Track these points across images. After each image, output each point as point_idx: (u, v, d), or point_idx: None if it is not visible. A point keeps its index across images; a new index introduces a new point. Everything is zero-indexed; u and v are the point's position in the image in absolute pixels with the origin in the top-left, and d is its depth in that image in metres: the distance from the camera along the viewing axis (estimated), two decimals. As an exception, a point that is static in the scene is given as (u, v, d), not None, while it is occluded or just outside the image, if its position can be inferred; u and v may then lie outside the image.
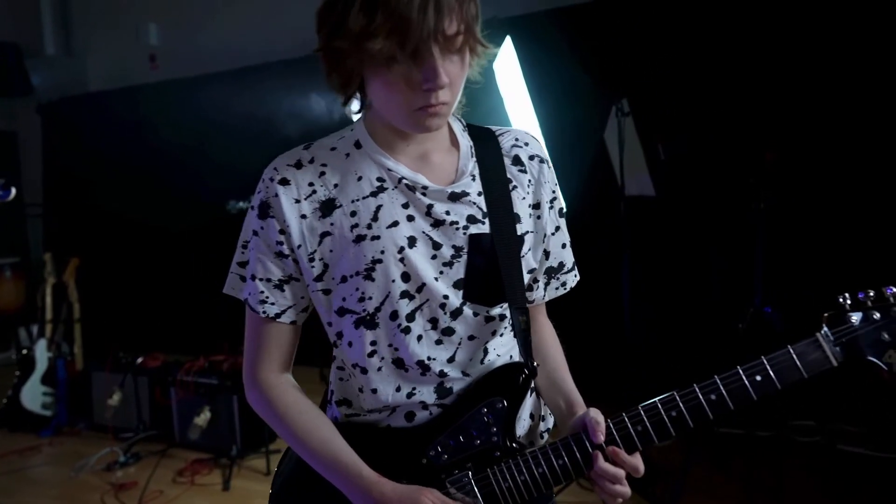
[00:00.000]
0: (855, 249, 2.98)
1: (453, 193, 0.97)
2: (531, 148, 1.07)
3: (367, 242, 0.94)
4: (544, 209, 1.06)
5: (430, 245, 0.96)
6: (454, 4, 0.83)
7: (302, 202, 0.96)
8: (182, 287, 5.17)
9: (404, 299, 0.96)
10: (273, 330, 1.01)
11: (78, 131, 6.24)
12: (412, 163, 0.98)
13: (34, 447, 3.73)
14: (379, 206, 0.95)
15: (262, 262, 0.98)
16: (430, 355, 0.98)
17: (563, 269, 1.13)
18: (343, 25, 0.84)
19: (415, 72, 0.85)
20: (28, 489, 3.25)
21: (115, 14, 6.42)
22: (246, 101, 5.00)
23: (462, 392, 1.00)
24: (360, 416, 1.02)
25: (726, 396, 0.94)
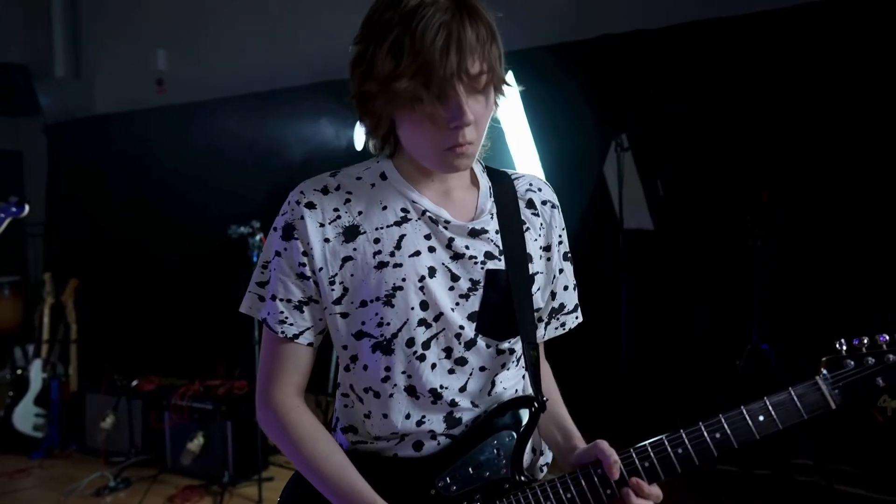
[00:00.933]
0: (851, 287, 3.01)
1: (473, 230, 1.01)
2: (544, 193, 1.12)
3: (390, 269, 0.97)
4: (554, 252, 1.10)
5: (448, 277, 0.99)
6: (476, 45, 0.88)
7: (326, 226, 0.99)
8: (180, 310, 5.16)
9: (421, 327, 0.98)
10: (291, 350, 1.02)
11: (83, 153, 6.30)
12: (436, 197, 1.02)
13: (24, 470, 3.69)
14: (402, 236, 0.99)
15: (283, 282, 1.00)
16: (442, 384, 1.00)
17: (564, 310, 1.16)
18: (372, 69, 0.90)
19: (441, 111, 0.90)
20: (16, 513, 3.21)
21: (125, 38, 6.53)
22: (250, 127, 5.06)
23: (471, 423, 1.02)
24: (367, 444, 1.03)
25: (730, 435, 0.96)
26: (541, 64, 3.91)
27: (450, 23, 0.86)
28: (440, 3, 0.87)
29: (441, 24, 0.85)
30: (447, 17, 0.86)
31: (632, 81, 3.57)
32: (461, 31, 0.86)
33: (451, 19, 0.86)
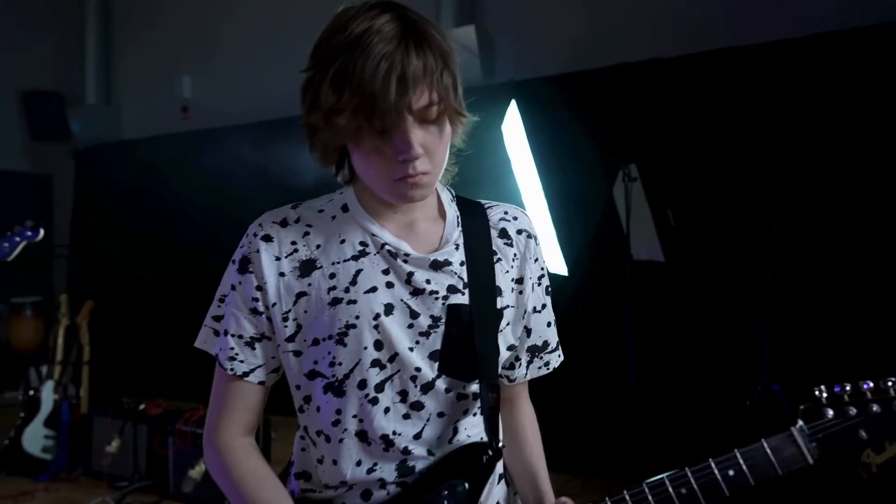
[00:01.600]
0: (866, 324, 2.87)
1: (435, 262, 0.95)
2: (519, 222, 1.06)
3: (343, 306, 0.92)
4: (527, 285, 1.04)
5: (407, 314, 0.93)
6: (422, 76, 0.83)
7: (282, 260, 0.95)
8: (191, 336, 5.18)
9: (374, 368, 0.93)
10: (240, 389, 0.97)
11: (108, 177, 6.46)
12: (397, 230, 0.97)
13: (29, 492, 3.69)
14: (359, 271, 0.94)
15: (236, 317, 0.96)
16: (395, 430, 0.93)
17: (547, 349, 1.10)
18: (317, 101, 0.86)
19: (388, 144, 0.86)
20: (17, 536, 3.21)
21: (153, 66, 6.74)
22: (266, 153, 5.13)
23: (424, 471, 0.95)
24: (317, 493, 0.97)
25: (697, 491, 0.88)
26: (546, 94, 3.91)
27: (392, 53, 0.82)
28: (385, 30, 0.83)
29: (383, 56, 0.81)
30: (390, 48, 0.82)
31: (641, 111, 3.53)
32: (405, 61, 0.82)
33: (394, 49, 0.82)
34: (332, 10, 0.90)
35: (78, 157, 7.00)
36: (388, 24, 0.84)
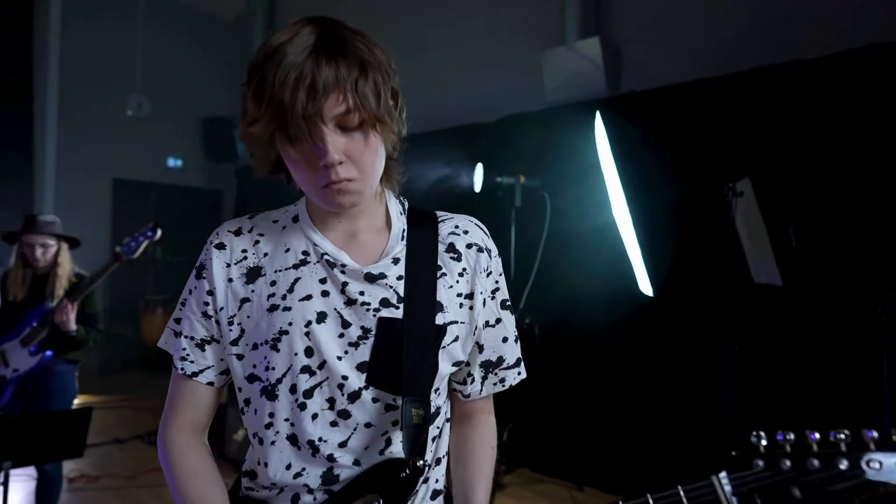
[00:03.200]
0: None
1: (369, 274, 0.97)
2: (470, 236, 1.05)
3: (279, 313, 0.95)
4: (478, 300, 1.02)
5: (339, 323, 0.95)
6: (332, 84, 0.85)
7: (232, 267, 0.99)
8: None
9: (304, 374, 0.95)
10: (189, 388, 1.01)
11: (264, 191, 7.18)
12: (340, 240, 1.00)
13: (173, 467, 4.23)
14: (297, 279, 0.97)
15: (189, 320, 1.01)
16: (321, 436, 0.95)
17: (503, 365, 1.08)
18: (245, 112, 0.91)
19: (312, 152, 0.88)
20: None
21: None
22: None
23: (348, 481, 0.96)
24: (256, 492, 1.00)
25: None
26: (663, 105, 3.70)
27: (302, 64, 0.84)
28: (298, 42, 0.86)
29: (292, 67, 0.84)
30: (300, 59, 0.84)
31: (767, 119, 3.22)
32: (315, 71, 0.84)
33: (304, 60, 0.84)
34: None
35: (239, 174, 7.91)
36: (304, 36, 0.87)
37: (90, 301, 3.01)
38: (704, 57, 4.01)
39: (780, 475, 0.76)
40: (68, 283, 3.01)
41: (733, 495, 0.78)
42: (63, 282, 2.99)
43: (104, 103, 7.43)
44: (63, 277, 3.00)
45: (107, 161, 7.53)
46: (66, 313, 2.83)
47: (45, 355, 2.93)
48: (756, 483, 0.77)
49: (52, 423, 2.43)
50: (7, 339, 2.94)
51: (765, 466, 0.76)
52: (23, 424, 2.36)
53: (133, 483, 3.97)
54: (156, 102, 7.78)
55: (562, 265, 3.91)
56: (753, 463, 0.77)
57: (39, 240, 2.96)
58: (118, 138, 7.56)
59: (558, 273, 3.93)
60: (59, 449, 2.44)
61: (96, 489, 3.87)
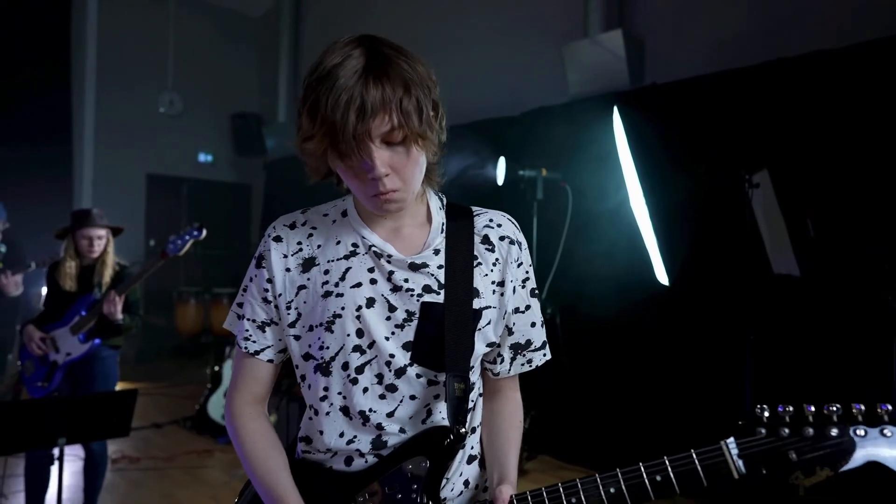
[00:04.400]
0: None
1: (413, 264, 1.07)
2: (503, 229, 1.15)
3: (332, 298, 1.06)
4: (508, 287, 1.12)
5: (386, 307, 1.06)
6: (380, 105, 0.93)
7: (289, 257, 1.11)
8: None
9: (356, 353, 1.06)
10: (252, 365, 1.13)
11: (291, 185, 7.37)
12: (386, 234, 1.10)
13: (209, 451, 4.42)
14: (348, 268, 1.08)
15: (251, 304, 1.12)
16: (371, 407, 1.06)
17: (531, 347, 1.18)
18: (300, 128, 1.02)
19: (360, 165, 0.98)
20: (195, 485, 3.86)
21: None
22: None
23: (396, 446, 1.07)
24: (312, 455, 1.12)
25: (625, 491, 0.92)
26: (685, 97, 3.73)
27: (352, 87, 0.92)
28: (349, 66, 0.94)
29: (343, 89, 0.92)
30: (351, 82, 0.92)
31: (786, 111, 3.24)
32: (364, 94, 0.92)
33: (354, 83, 0.92)
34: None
35: (267, 168, 8.10)
36: (354, 59, 0.95)
37: (132, 290, 3.17)
38: (727, 48, 4.03)
39: (779, 441, 0.84)
40: (113, 272, 3.18)
41: (739, 458, 0.87)
42: (109, 271, 3.16)
43: (138, 101, 7.66)
44: (109, 267, 3.17)
45: (141, 157, 7.77)
46: (114, 304, 3.00)
47: (95, 343, 3.10)
48: (759, 447, 0.86)
49: (101, 403, 2.59)
50: (57, 326, 3.11)
51: (766, 434, 0.85)
52: (75, 405, 2.51)
53: (171, 464, 4.16)
54: (187, 99, 8.00)
55: (583, 256, 3.97)
56: (756, 431, 0.86)
57: (97, 232, 3.13)
58: (151, 135, 7.80)
59: (579, 264, 4.00)
60: (108, 427, 2.59)
61: (137, 469, 4.07)
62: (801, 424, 0.84)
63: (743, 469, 0.87)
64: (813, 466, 0.81)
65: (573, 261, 3.94)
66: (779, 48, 3.53)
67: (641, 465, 0.91)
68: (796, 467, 0.82)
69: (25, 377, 3.15)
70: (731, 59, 3.82)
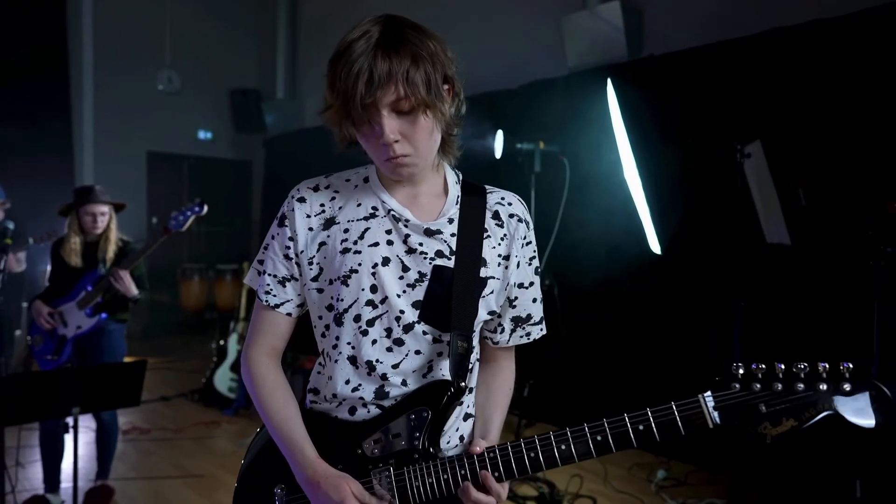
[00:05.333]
0: None
1: (428, 229, 1.15)
2: (513, 208, 1.23)
3: (350, 255, 1.14)
4: (513, 262, 1.20)
5: (400, 267, 1.14)
6: (388, 76, 1.00)
7: (312, 218, 1.18)
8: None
9: (368, 307, 1.13)
10: (270, 317, 1.20)
11: (291, 161, 7.40)
12: (404, 199, 1.17)
13: (217, 422, 4.54)
14: (367, 229, 1.15)
15: (273, 261, 1.20)
16: (378, 358, 1.13)
17: (531, 321, 1.27)
18: (324, 100, 1.10)
19: (370, 132, 1.06)
20: (203, 454, 3.98)
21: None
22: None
23: (398, 397, 1.15)
24: (319, 405, 1.20)
25: (610, 440, 1.00)
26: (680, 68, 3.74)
27: (363, 60, 1.00)
28: (363, 41, 1.02)
29: (355, 62, 1.00)
30: (363, 55, 1.00)
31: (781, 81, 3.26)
32: (372, 65, 1.00)
33: (365, 56, 1.00)
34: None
35: (267, 144, 8.10)
36: (369, 35, 1.03)
37: (136, 266, 3.23)
38: (725, 19, 4.02)
39: (751, 395, 0.91)
40: (116, 247, 3.24)
41: (714, 409, 0.94)
42: (112, 247, 3.22)
43: (136, 79, 7.64)
44: (113, 243, 3.23)
45: (141, 135, 7.77)
46: (125, 281, 3.07)
47: (102, 317, 3.17)
48: (732, 400, 0.93)
49: (112, 374, 2.67)
50: (64, 301, 3.19)
51: (740, 388, 0.92)
52: (87, 375, 2.60)
53: (180, 435, 4.27)
54: (185, 76, 7.97)
55: (580, 229, 4.03)
56: (731, 385, 0.93)
57: (100, 209, 3.19)
58: (150, 112, 7.79)
59: (577, 236, 4.05)
60: (119, 397, 2.68)
61: (148, 440, 4.18)
62: (772, 380, 0.90)
63: (717, 420, 0.94)
64: (780, 417, 0.88)
65: (570, 232, 3.99)
66: (777, 18, 3.53)
67: (626, 415, 0.98)
68: (765, 418, 0.89)
69: (35, 350, 3.23)
70: (729, 29, 3.81)
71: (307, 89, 8.10)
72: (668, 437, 0.95)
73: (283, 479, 1.17)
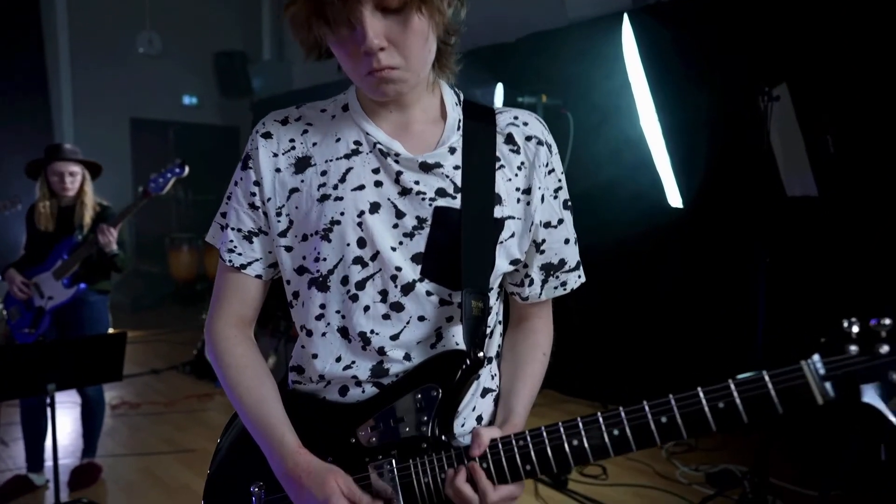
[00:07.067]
0: None
1: (425, 163, 0.92)
2: (530, 128, 0.98)
3: (330, 203, 0.92)
4: (535, 195, 0.97)
5: (392, 213, 0.92)
6: None
7: (279, 156, 0.96)
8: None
9: (357, 265, 0.92)
10: (237, 280, 0.99)
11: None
12: (393, 129, 0.95)
13: (209, 394, 4.35)
14: (349, 169, 0.93)
15: (236, 212, 0.98)
16: (373, 329, 0.92)
17: (564, 267, 1.03)
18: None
19: (347, 36, 0.83)
20: (195, 428, 3.80)
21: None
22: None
23: (399, 374, 0.93)
24: (304, 385, 0.99)
25: (679, 421, 0.78)
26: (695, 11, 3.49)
27: None
28: None
29: None
30: None
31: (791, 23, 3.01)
32: None
33: None
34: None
35: (255, 108, 7.77)
36: None
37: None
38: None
39: (877, 359, 0.70)
40: (94, 212, 3.00)
41: (826, 380, 0.72)
42: (89, 212, 2.98)
43: (115, 42, 7.27)
44: (89, 207, 2.98)
45: (123, 101, 7.44)
46: (109, 234, 2.84)
47: (80, 287, 2.95)
48: (851, 367, 0.71)
49: (89, 347, 2.46)
50: (39, 270, 2.96)
51: (860, 351, 0.70)
52: (63, 349, 2.39)
53: (171, 409, 4.09)
54: (166, 38, 7.59)
55: (586, 183, 3.80)
56: (846, 348, 0.71)
57: (69, 168, 2.93)
58: (132, 77, 7.43)
59: (583, 192, 3.82)
60: (99, 372, 2.48)
61: (138, 415, 4.00)
62: (904, 339, 0.69)
63: (831, 393, 0.72)
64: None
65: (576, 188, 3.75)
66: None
67: (700, 389, 0.77)
68: (901, 390, 0.68)
69: (11, 324, 3.02)
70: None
71: (296, 50, 7.68)
72: (758, 416, 0.74)
73: (262, 474, 0.95)
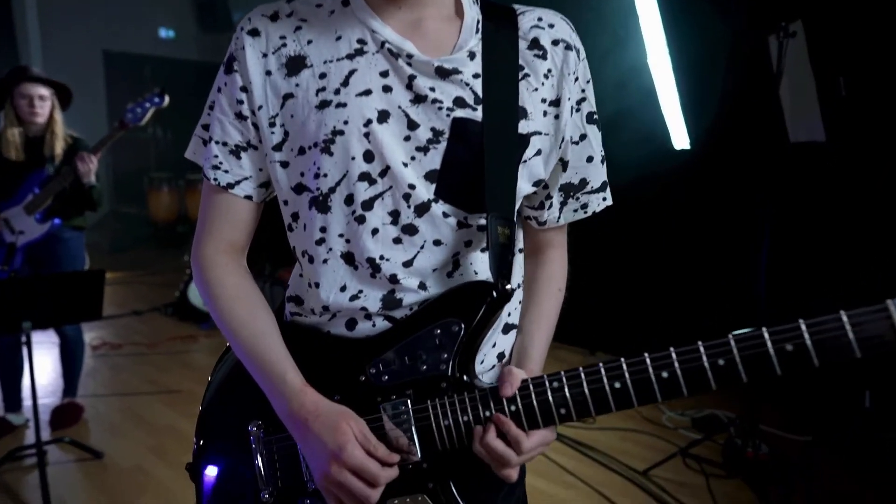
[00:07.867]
0: None
1: (441, 68, 0.81)
2: (557, 31, 0.87)
3: (331, 110, 0.81)
4: (565, 108, 0.86)
5: (404, 123, 0.80)
6: None
7: (269, 56, 0.83)
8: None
9: (363, 182, 0.81)
10: (225, 202, 0.88)
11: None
12: (402, 27, 0.83)
13: (193, 336, 4.29)
14: (353, 71, 0.81)
15: (221, 123, 0.86)
16: (383, 254, 0.82)
17: (586, 188, 0.93)
18: None
19: None
20: (179, 370, 3.75)
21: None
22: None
23: (414, 306, 0.84)
24: (304, 317, 0.89)
25: (739, 363, 0.70)
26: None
27: None
28: None
29: None
30: None
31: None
32: None
33: None
34: None
35: (237, 43, 7.44)
36: None
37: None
38: None
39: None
40: (65, 144, 2.83)
41: None
42: (60, 143, 2.82)
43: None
44: (60, 138, 2.82)
45: (94, 32, 7.07)
46: (90, 162, 2.69)
47: (54, 223, 2.81)
48: None
49: (67, 284, 2.36)
50: (8, 205, 2.81)
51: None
52: (39, 286, 2.29)
53: (154, 350, 4.03)
54: (140, -37, 7.18)
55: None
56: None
57: (37, 90, 2.75)
58: (103, 7, 7.04)
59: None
60: (76, 310, 2.39)
61: (119, 355, 3.94)
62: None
63: None
64: None
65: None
66: None
67: (765, 330, 0.69)
68: None
69: (-18, 261, 2.89)
70: None
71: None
72: (829, 360, 0.66)
73: (260, 412, 0.87)
